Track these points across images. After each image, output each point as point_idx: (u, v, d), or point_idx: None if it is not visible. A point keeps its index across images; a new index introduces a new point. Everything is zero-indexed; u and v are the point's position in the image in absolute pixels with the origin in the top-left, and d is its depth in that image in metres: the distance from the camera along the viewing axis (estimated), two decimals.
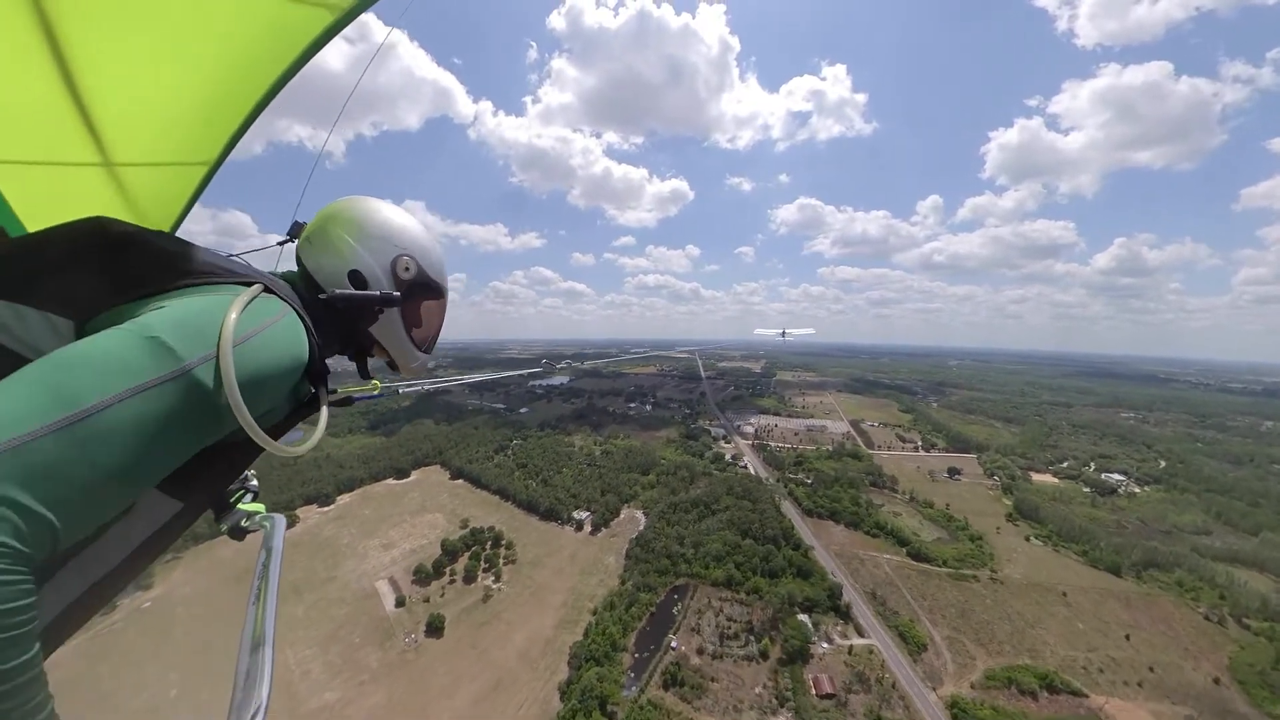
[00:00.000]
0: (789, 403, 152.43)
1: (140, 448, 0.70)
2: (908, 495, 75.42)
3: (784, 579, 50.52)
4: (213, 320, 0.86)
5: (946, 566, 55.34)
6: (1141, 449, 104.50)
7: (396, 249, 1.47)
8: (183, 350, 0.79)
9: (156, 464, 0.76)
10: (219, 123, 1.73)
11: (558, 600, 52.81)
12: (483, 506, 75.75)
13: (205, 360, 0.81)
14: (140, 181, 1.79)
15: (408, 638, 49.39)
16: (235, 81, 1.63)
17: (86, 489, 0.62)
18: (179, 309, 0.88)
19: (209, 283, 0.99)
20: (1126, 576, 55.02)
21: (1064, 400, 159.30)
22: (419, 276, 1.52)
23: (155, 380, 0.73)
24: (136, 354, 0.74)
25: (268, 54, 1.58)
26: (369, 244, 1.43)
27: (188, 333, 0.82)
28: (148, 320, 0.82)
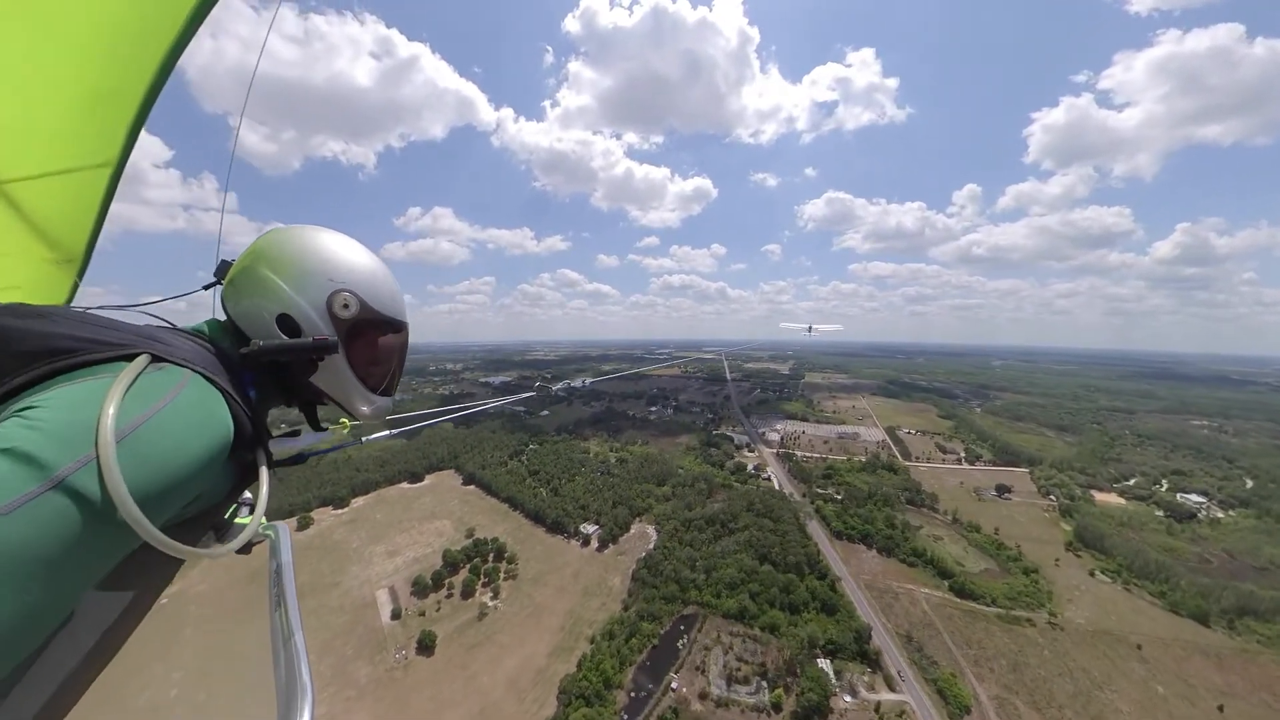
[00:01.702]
0: (818, 407, 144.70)
1: (20, 580, 0.56)
2: (950, 516, 68.08)
3: (805, 615, 45.13)
4: (86, 416, 0.69)
5: (996, 606, 48.44)
6: (1221, 464, 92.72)
7: (332, 285, 1.24)
8: (52, 458, 0.63)
9: (55, 591, 0.61)
10: (113, 116, 1.55)
11: (555, 623, 49.13)
12: (490, 515, 73.13)
13: (82, 464, 0.65)
14: (39, 196, 1.63)
15: (398, 653, 47.35)
16: (120, 64, 1.44)
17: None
18: (43, 409, 0.70)
19: (80, 364, 0.79)
20: (1216, 626, 46.81)
21: (1124, 406, 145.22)
22: (362, 314, 1.29)
23: (19, 499, 0.58)
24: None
25: (151, 30, 1.39)
26: (299, 282, 1.22)
27: (56, 435, 0.66)
28: (4, 430, 0.65)
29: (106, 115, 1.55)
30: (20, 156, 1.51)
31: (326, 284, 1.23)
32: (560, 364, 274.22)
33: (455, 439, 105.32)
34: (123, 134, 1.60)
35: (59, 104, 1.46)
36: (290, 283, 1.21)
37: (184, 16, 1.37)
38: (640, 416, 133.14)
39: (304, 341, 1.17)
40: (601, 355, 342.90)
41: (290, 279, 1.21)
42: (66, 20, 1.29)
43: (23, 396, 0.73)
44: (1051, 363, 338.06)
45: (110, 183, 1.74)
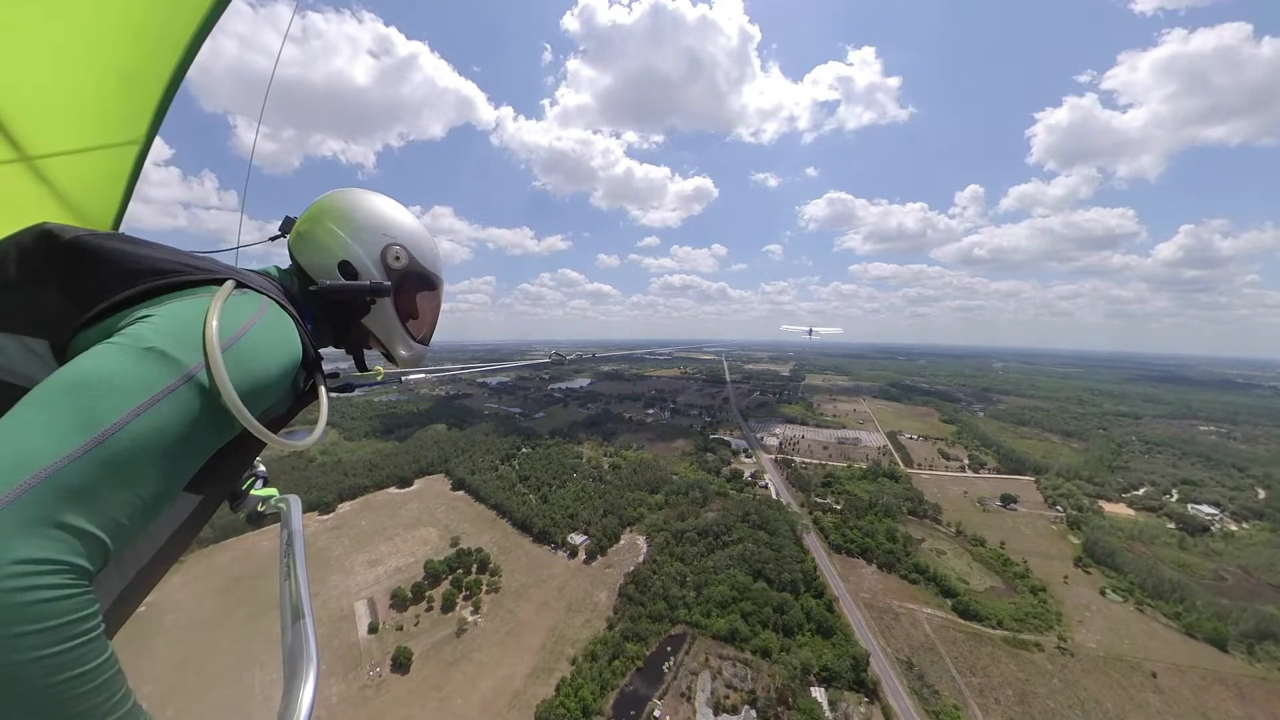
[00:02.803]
0: (818, 411, 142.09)
1: (165, 456, 0.72)
2: (954, 528, 65.48)
3: (800, 638, 42.61)
4: (198, 325, 0.85)
5: (1002, 628, 45.80)
6: (1232, 473, 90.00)
7: (386, 239, 1.47)
8: (183, 357, 0.79)
9: (182, 468, 0.78)
10: (140, 95, 1.59)
11: (536, 641, 46.77)
12: (477, 522, 70.81)
13: (201, 366, 0.81)
14: (68, 172, 1.70)
15: (372, 671, 45.31)
16: (149, 45, 1.48)
17: (125, 502, 0.65)
18: (165, 316, 0.86)
19: (177, 284, 0.95)
20: (1234, 652, 44.16)
21: (1130, 410, 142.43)
22: (411, 266, 1.51)
23: (164, 391, 0.74)
24: (140, 368, 0.75)
25: (179, 10, 1.44)
26: (358, 235, 1.43)
27: (181, 339, 0.82)
28: (139, 331, 0.81)
29: (135, 94, 1.57)
30: (53, 132, 1.56)
31: (382, 238, 1.45)
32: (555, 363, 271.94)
33: (447, 441, 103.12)
34: (150, 113, 1.64)
35: (91, 82, 1.49)
36: (351, 235, 1.42)
37: None
38: (637, 419, 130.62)
39: (363, 284, 1.39)
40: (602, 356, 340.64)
41: (351, 232, 1.42)
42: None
43: (139, 307, 0.88)
44: (1054, 365, 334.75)
45: (137, 161, 1.81)
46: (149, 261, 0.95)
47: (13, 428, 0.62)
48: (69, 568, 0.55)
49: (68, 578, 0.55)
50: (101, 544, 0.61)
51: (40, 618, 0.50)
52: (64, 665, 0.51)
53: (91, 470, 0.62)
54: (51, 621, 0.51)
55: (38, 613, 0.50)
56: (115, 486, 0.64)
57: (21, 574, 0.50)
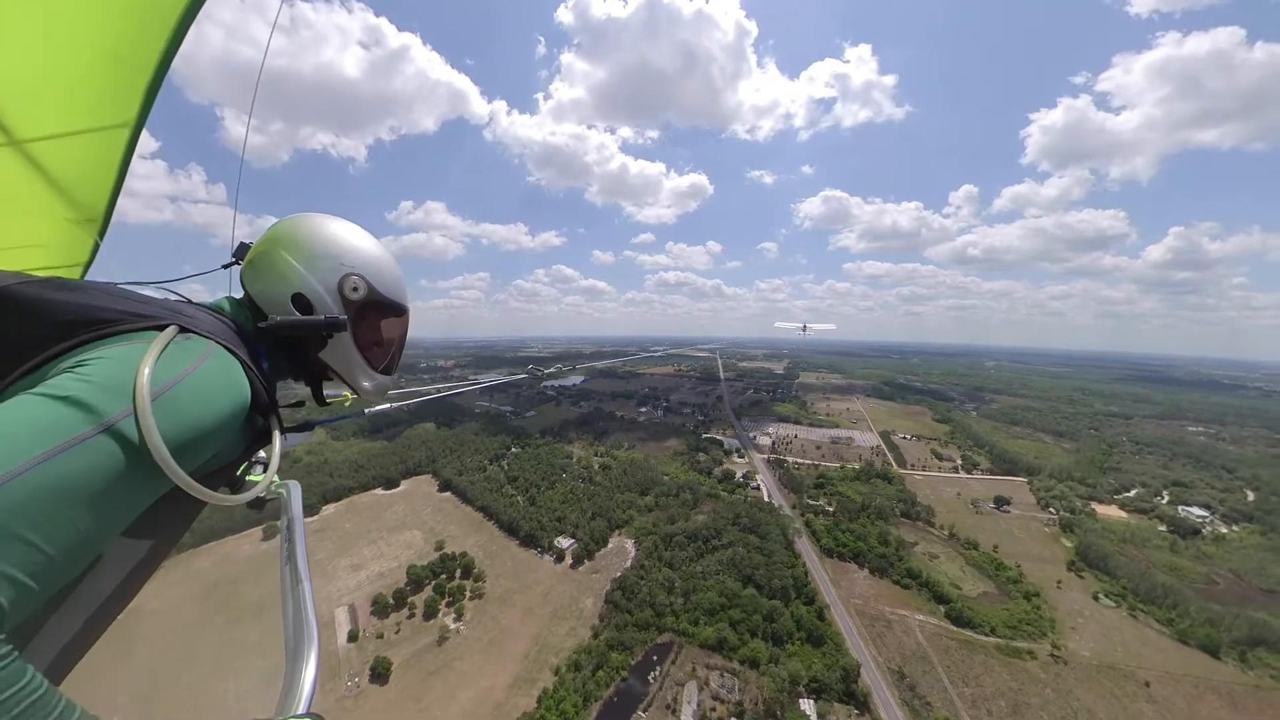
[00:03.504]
0: (811, 410, 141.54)
1: (70, 511, 0.66)
2: (946, 531, 64.85)
3: (789, 647, 41.65)
4: (129, 374, 0.80)
5: (995, 635, 45.08)
6: (1221, 475, 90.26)
7: (343, 268, 1.38)
8: (103, 406, 0.74)
9: (97, 525, 0.71)
10: (129, 75, 1.54)
11: (519, 650, 45.51)
12: (463, 525, 69.35)
13: (125, 415, 0.76)
14: (59, 156, 1.69)
15: (350, 680, 44.02)
16: (137, 24, 1.43)
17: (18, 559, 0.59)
18: (93, 365, 0.81)
19: (117, 332, 0.90)
20: (1227, 659, 43.69)
21: (1120, 410, 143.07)
22: (370, 296, 1.43)
23: (74, 439, 0.68)
24: (50, 415, 0.69)
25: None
26: (313, 264, 1.35)
27: (106, 388, 0.77)
28: (61, 381, 0.77)
29: (124, 75, 1.53)
30: (41, 115, 1.53)
31: (338, 267, 1.37)
32: (553, 361, 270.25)
33: (436, 441, 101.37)
34: (140, 95, 1.59)
35: (78, 63, 1.45)
36: (305, 265, 1.34)
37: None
38: (629, 418, 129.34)
39: (317, 319, 1.31)
40: (595, 352, 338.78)
41: (305, 262, 1.34)
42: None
43: (68, 357, 0.84)
44: (1044, 364, 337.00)
45: (128, 144, 1.75)
46: (88, 311, 0.91)
47: None
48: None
49: None
50: None
51: None
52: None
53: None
54: None
55: None
56: (7, 540, 0.58)
57: None
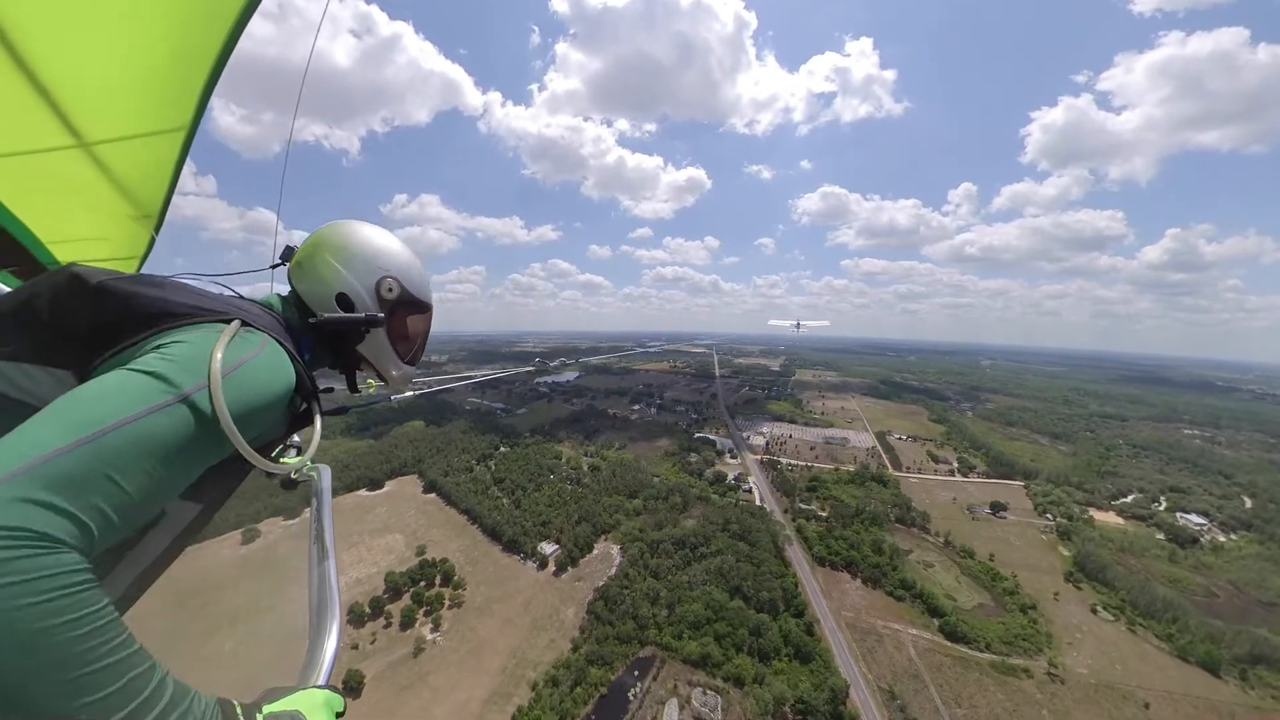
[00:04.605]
0: (806, 408, 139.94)
1: (153, 462, 0.79)
2: (942, 538, 63.30)
3: (776, 664, 39.98)
4: (201, 354, 0.97)
5: (990, 652, 43.50)
6: (1219, 480, 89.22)
7: (380, 271, 1.57)
8: (178, 380, 0.89)
9: (172, 477, 0.85)
10: (185, 82, 1.66)
11: (496, 664, 43.74)
12: (446, 529, 67.44)
13: (198, 389, 0.90)
14: (120, 157, 1.82)
15: None
16: (192, 33, 1.53)
17: (110, 495, 0.72)
18: (172, 347, 0.98)
19: (189, 323, 1.08)
20: (1227, 677, 42.29)
21: (1116, 412, 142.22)
22: (402, 296, 1.62)
23: (155, 406, 0.83)
24: (138, 386, 0.85)
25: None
26: (353, 267, 1.54)
27: (180, 366, 0.92)
28: (144, 359, 0.93)
29: (182, 81, 1.63)
30: (108, 120, 1.66)
31: (376, 270, 1.56)
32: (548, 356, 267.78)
33: (423, 440, 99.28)
34: (195, 100, 1.70)
35: (142, 70, 1.55)
36: (347, 268, 1.53)
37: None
38: (622, 416, 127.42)
39: (358, 316, 1.51)
40: (591, 348, 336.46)
41: (347, 264, 1.53)
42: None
43: (150, 340, 1.01)
44: (1039, 363, 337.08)
45: (184, 146, 1.87)
46: (167, 305, 1.08)
47: (25, 427, 0.73)
48: (48, 536, 0.62)
49: (47, 542, 0.61)
50: (84, 527, 0.67)
51: (22, 572, 0.56)
52: (51, 613, 0.56)
53: (80, 461, 0.70)
54: (33, 574, 0.57)
55: (20, 568, 0.56)
56: (100, 478, 0.71)
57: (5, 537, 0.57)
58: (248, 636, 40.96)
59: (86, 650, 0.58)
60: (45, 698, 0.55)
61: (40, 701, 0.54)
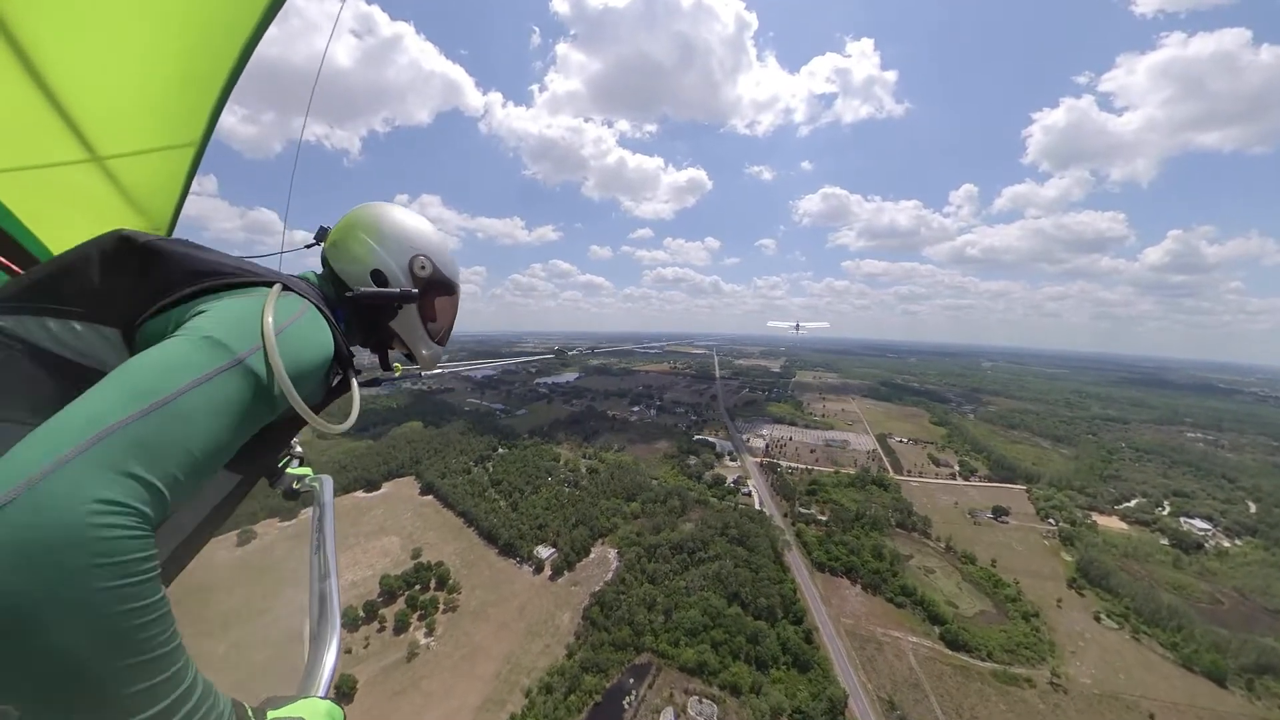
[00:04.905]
0: (807, 410, 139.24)
1: (214, 426, 0.81)
2: (943, 543, 62.59)
3: (774, 672, 39.36)
4: (252, 317, 0.98)
5: (992, 660, 42.81)
6: (1222, 484, 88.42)
7: (413, 249, 1.58)
8: (234, 344, 0.90)
9: (230, 439, 0.86)
10: (197, 99, 1.71)
11: (490, 670, 43.15)
12: (442, 531, 66.89)
13: (253, 351, 0.92)
14: (132, 172, 1.84)
15: None
16: (205, 52, 1.58)
17: (181, 460, 0.73)
18: (221, 311, 0.99)
19: (232, 284, 1.09)
20: (1233, 687, 41.62)
21: (1118, 415, 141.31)
22: (434, 275, 1.63)
23: (216, 370, 0.85)
24: (197, 353, 0.86)
25: (231, 16, 1.52)
26: (388, 245, 1.54)
27: (234, 330, 0.93)
28: (197, 323, 0.94)
29: (193, 97, 1.67)
30: (122, 135, 1.69)
31: (409, 249, 1.57)
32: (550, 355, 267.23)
33: (421, 441, 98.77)
34: (206, 115, 1.74)
35: (155, 87, 1.58)
36: (382, 246, 1.53)
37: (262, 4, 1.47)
38: (621, 417, 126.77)
39: (393, 291, 1.50)
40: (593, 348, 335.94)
41: (382, 243, 1.53)
42: (163, 6, 1.40)
43: (198, 302, 1.02)
44: (1040, 365, 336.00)
45: (194, 161, 1.91)
46: (209, 264, 1.10)
47: (89, 397, 0.73)
48: (134, 511, 0.62)
49: (133, 519, 0.61)
50: (160, 494, 0.68)
51: (112, 552, 0.56)
52: (128, 598, 0.57)
53: (152, 429, 0.71)
54: (120, 557, 0.57)
55: (110, 548, 0.56)
56: (172, 444, 0.72)
57: (99, 512, 0.57)
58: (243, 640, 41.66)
59: (149, 638, 0.59)
60: (106, 680, 0.55)
61: (100, 684, 0.55)
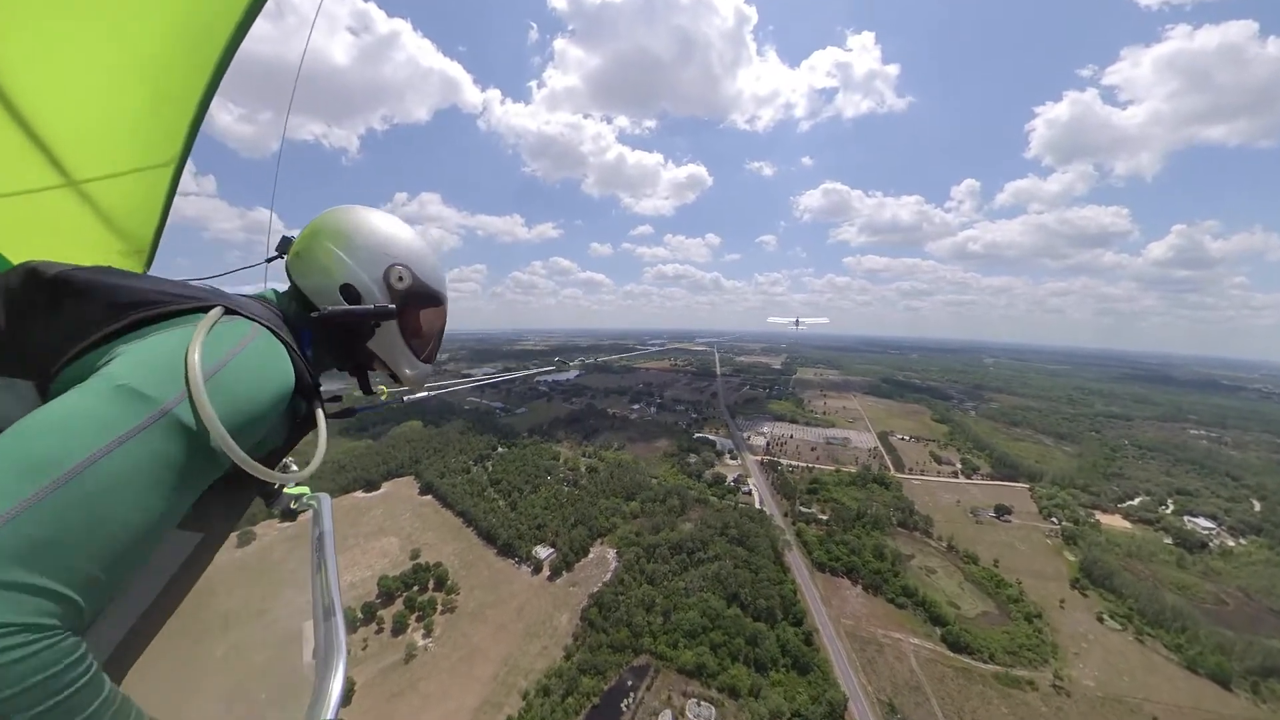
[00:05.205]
0: (808, 408, 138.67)
1: (138, 501, 0.66)
2: (945, 543, 62.09)
3: (773, 675, 38.98)
4: (180, 357, 0.80)
5: (994, 663, 42.36)
6: (1226, 482, 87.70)
7: (388, 259, 1.38)
8: (156, 392, 0.74)
9: (163, 512, 0.71)
10: (173, 117, 1.68)
11: (488, 671, 42.87)
12: (441, 531, 66.62)
13: (180, 400, 0.75)
14: (110, 195, 1.81)
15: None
16: (178, 70, 1.54)
17: (95, 551, 0.60)
18: (141, 350, 0.81)
19: (163, 315, 0.89)
20: (1238, 690, 41.11)
21: (1121, 411, 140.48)
22: (414, 286, 1.43)
23: (135, 428, 0.69)
24: (108, 406, 0.69)
25: (207, 32, 1.48)
26: (359, 255, 1.35)
27: (156, 373, 0.77)
28: (111, 370, 0.76)
29: (169, 117, 1.65)
30: (97, 157, 1.66)
31: (384, 258, 1.37)
32: (549, 355, 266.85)
33: (421, 440, 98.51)
34: (183, 134, 1.72)
35: (129, 107, 1.56)
36: (352, 256, 1.33)
37: (237, 18, 1.44)
38: (621, 415, 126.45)
39: (367, 308, 1.31)
40: (592, 346, 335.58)
41: (352, 253, 1.33)
42: (134, 26, 1.37)
43: (119, 342, 0.83)
44: (1043, 361, 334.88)
45: (172, 180, 1.88)
46: (135, 294, 0.90)
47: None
48: (34, 626, 0.52)
49: (36, 635, 0.52)
50: (69, 600, 0.56)
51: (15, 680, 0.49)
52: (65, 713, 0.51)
53: (51, 515, 0.57)
54: (30, 680, 0.50)
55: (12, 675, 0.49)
56: (82, 533, 0.59)
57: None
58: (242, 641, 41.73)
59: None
60: None
61: None
